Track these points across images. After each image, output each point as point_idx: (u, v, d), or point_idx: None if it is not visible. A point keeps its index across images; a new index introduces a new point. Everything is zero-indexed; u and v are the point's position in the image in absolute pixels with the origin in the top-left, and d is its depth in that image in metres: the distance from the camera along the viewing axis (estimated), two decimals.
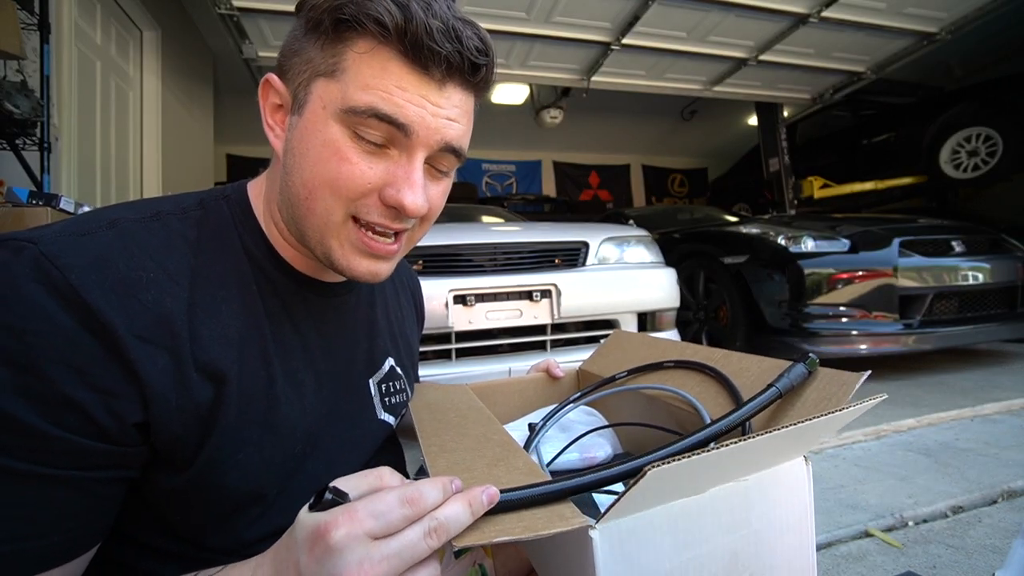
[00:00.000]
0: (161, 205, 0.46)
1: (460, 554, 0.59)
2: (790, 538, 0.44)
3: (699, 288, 3.17)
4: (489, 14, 3.41)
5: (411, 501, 0.32)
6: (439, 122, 0.44)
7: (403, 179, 0.44)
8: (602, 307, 2.10)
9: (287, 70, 0.46)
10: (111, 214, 0.43)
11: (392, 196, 0.44)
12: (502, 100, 6.13)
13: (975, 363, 2.90)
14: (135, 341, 0.37)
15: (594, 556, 0.35)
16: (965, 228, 2.98)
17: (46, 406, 0.34)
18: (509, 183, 8.00)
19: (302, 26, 0.45)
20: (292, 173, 0.46)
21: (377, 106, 0.41)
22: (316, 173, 0.44)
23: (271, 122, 0.48)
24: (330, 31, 0.42)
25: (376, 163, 0.44)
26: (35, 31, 2.22)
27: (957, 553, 1.10)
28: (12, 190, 1.81)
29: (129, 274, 0.39)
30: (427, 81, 0.43)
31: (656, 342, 0.78)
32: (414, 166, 0.44)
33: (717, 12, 3.52)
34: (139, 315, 0.38)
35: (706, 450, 0.33)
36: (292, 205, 0.47)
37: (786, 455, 0.43)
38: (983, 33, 3.93)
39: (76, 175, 2.72)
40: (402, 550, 0.31)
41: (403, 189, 0.43)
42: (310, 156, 0.44)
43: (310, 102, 0.44)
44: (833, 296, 2.59)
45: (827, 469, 1.55)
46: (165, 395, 0.39)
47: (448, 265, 2.01)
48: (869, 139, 5.20)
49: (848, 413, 0.39)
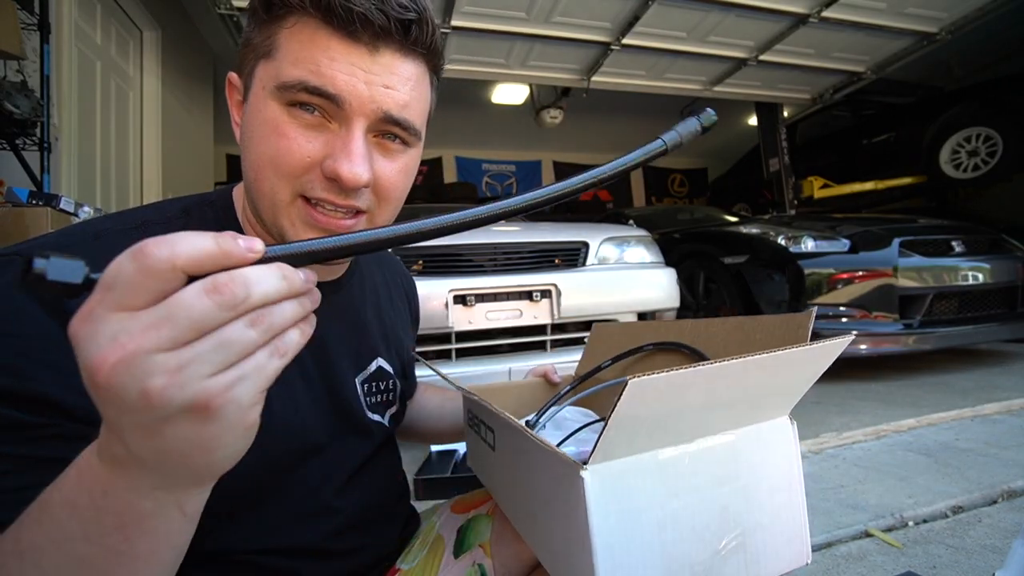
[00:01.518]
0: (145, 215, 0.47)
1: (459, 554, 0.60)
2: (780, 497, 0.44)
3: (699, 288, 3.17)
4: (489, 14, 3.41)
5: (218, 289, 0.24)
6: (375, 90, 0.43)
7: (340, 149, 0.43)
8: (602, 307, 2.10)
9: (241, 64, 0.47)
10: (96, 227, 0.43)
11: (329, 167, 0.43)
12: (502, 100, 6.13)
13: (975, 363, 2.90)
14: None
15: (586, 496, 0.35)
16: (965, 228, 2.98)
17: (30, 404, 0.35)
18: (509, 183, 8.00)
19: (247, 17, 0.46)
20: (244, 159, 0.46)
21: (305, 79, 0.41)
22: (259, 153, 0.44)
23: (237, 119, 0.49)
24: (263, 13, 0.43)
25: (315, 137, 0.43)
26: (35, 31, 2.22)
27: (957, 553, 1.10)
28: (12, 190, 1.81)
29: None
30: (356, 47, 0.42)
31: (632, 327, 0.79)
32: (352, 135, 0.43)
33: (717, 12, 3.52)
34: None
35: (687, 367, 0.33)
36: (248, 190, 0.47)
37: (768, 407, 0.43)
38: (983, 33, 3.93)
39: (76, 175, 2.72)
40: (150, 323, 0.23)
41: (339, 159, 0.42)
42: (254, 137, 0.44)
43: (252, 86, 0.45)
44: (833, 296, 2.59)
45: (827, 469, 1.55)
46: None
47: (448, 265, 2.01)
48: (869, 139, 5.20)
49: (821, 349, 0.39)
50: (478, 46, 3.76)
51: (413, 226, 0.31)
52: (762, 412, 0.44)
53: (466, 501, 0.68)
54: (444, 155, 7.64)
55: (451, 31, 3.48)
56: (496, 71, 4.12)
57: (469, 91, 5.72)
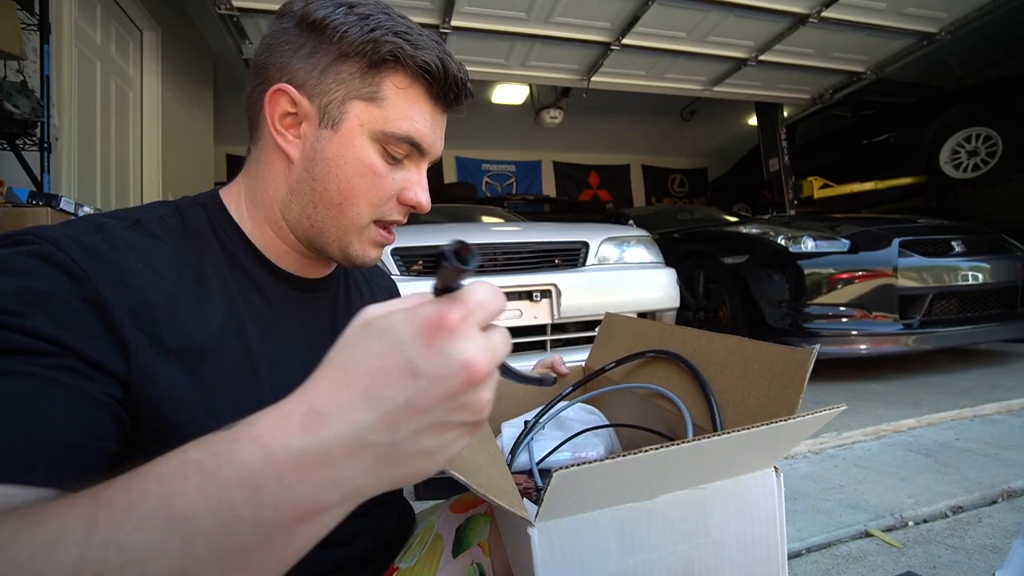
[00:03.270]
0: (138, 214, 0.49)
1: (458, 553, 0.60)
2: (757, 551, 0.42)
3: (699, 288, 3.17)
4: (489, 14, 3.41)
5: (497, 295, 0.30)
6: (439, 144, 0.56)
7: (417, 183, 0.54)
8: (602, 307, 2.10)
9: (309, 85, 0.51)
10: (96, 220, 0.46)
11: (411, 198, 0.54)
12: (502, 100, 6.13)
13: (975, 363, 2.90)
14: (124, 314, 0.40)
15: (532, 553, 0.35)
16: (965, 228, 2.98)
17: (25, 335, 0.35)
18: (509, 183, 8.00)
19: (327, 50, 0.50)
20: (324, 180, 0.52)
21: (411, 134, 0.51)
22: (353, 184, 0.51)
23: (279, 127, 0.52)
24: (370, 63, 0.49)
25: (396, 173, 0.53)
26: (35, 31, 2.22)
27: (957, 553, 1.10)
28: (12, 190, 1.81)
29: (119, 263, 0.42)
30: (439, 112, 0.54)
31: (640, 326, 0.79)
32: (422, 174, 0.55)
33: (717, 12, 3.52)
34: (128, 296, 0.41)
35: (628, 454, 0.33)
36: (318, 206, 0.53)
37: (750, 461, 0.42)
38: (983, 33, 3.93)
39: (76, 175, 2.72)
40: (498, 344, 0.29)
41: (419, 192, 0.54)
42: (347, 168, 0.51)
43: (346, 120, 0.50)
44: (833, 296, 2.59)
45: (827, 469, 1.55)
46: (145, 367, 0.40)
47: None
48: (869, 139, 5.19)
49: (810, 421, 0.38)
50: (478, 46, 3.76)
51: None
52: (742, 466, 0.42)
53: (465, 501, 0.69)
54: (444, 155, 7.63)
55: (451, 31, 3.48)
56: (496, 71, 4.12)
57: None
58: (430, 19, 3.39)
